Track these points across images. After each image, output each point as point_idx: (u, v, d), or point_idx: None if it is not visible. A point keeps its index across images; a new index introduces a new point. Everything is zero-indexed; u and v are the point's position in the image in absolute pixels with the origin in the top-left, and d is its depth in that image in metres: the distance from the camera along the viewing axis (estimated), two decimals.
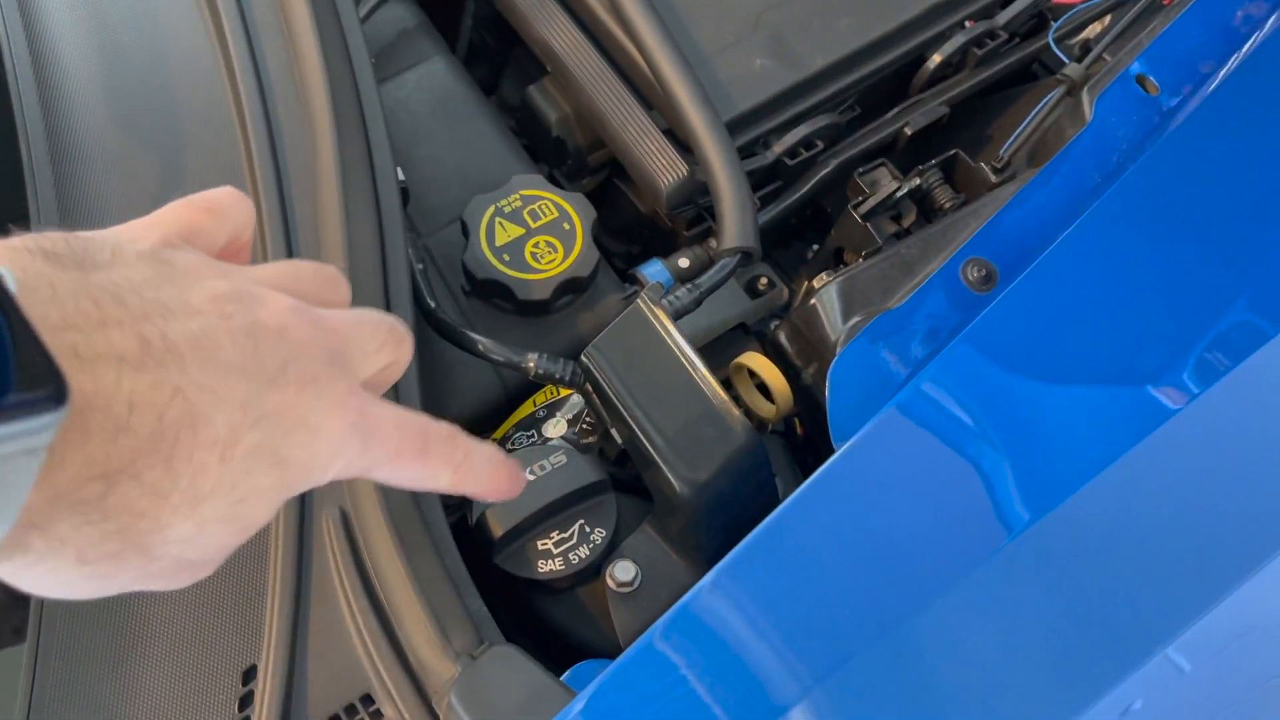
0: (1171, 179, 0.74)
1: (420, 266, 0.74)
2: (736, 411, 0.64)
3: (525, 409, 0.75)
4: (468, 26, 1.00)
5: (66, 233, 0.37)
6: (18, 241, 0.34)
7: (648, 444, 0.64)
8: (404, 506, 0.59)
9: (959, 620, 0.60)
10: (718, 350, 0.86)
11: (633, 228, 0.93)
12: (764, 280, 0.90)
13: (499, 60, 0.99)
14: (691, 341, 0.85)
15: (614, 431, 0.67)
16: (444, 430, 0.47)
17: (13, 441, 0.29)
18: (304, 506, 0.60)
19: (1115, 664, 0.60)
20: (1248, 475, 0.67)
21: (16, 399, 0.29)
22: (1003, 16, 0.91)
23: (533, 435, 0.71)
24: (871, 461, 0.64)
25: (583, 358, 0.66)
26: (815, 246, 0.92)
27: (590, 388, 0.66)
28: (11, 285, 0.31)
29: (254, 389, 0.37)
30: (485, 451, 0.49)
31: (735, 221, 0.75)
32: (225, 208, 0.46)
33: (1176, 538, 0.64)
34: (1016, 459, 0.65)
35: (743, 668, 0.58)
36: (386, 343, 0.46)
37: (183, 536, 0.36)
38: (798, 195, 0.85)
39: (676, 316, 0.72)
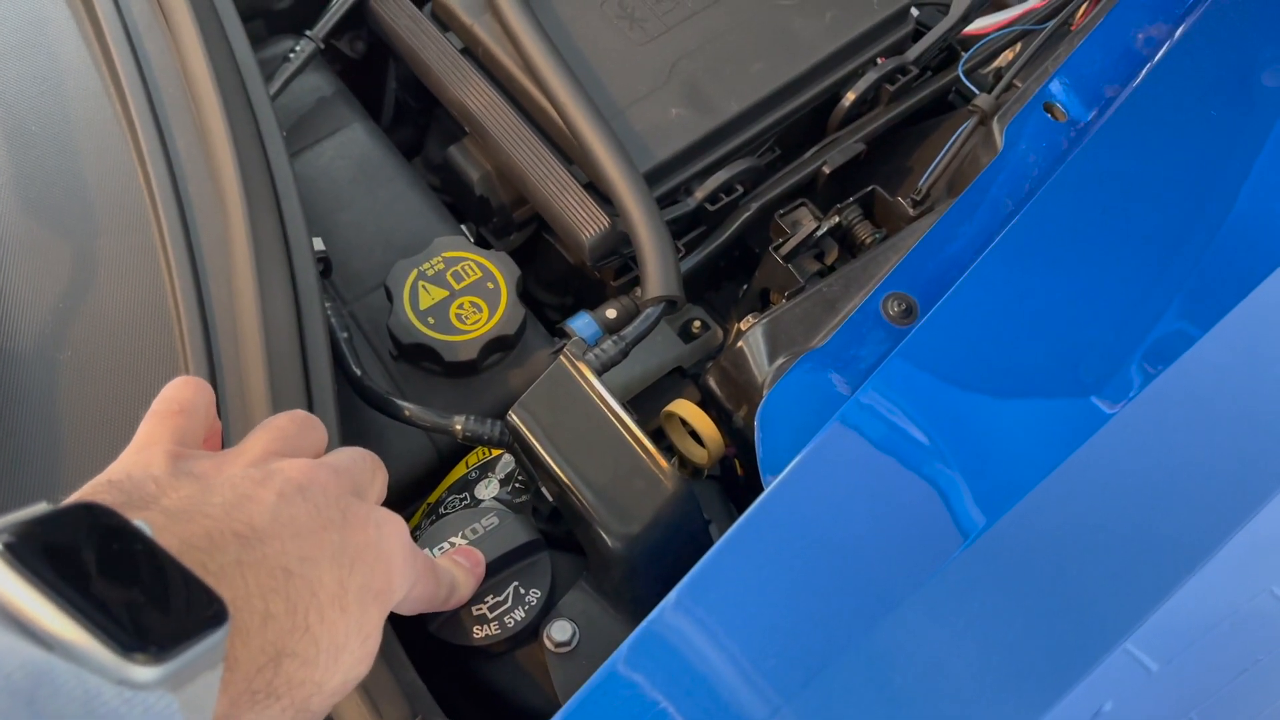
0: (1076, 196, 0.76)
1: (345, 335, 0.74)
2: (664, 462, 0.65)
3: (458, 471, 0.75)
4: (392, 90, 1.01)
5: (108, 484, 0.40)
6: (94, 497, 0.38)
7: (578, 500, 0.64)
8: None
9: (919, 629, 0.61)
10: (655, 396, 0.87)
11: (564, 279, 0.93)
12: (698, 323, 0.91)
13: (423, 122, 1.00)
14: (627, 389, 0.86)
15: (544, 489, 0.67)
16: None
17: (197, 664, 0.33)
18: None
19: (1076, 661, 0.61)
20: (1189, 469, 0.68)
21: (193, 626, 0.33)
22: (913, 52, 0.93)
23: (465, 497, 0.71)
24: (819, 475, 0.65)
25: (508, 417, 0.66)
26: (746, 287, 0.93)
27: (518, 446, 0.66)
28: (149, 532, 0.36)
29: (335, 539, 0.43)
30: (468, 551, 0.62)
31: (657, 271, 0.75)
32: (194, 404, 0.50)
33: (1126, 534, 0.65)
34: (963, 466, 0.66)
35: (705, 693, 0.58)
36: (376, 469, 0.53)
37: (335, 688, 0.42)
38: (721, 240, 0.86)
39: (604, 369, 0.72)
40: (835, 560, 0.63)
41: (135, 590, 0.33)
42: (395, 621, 0.62)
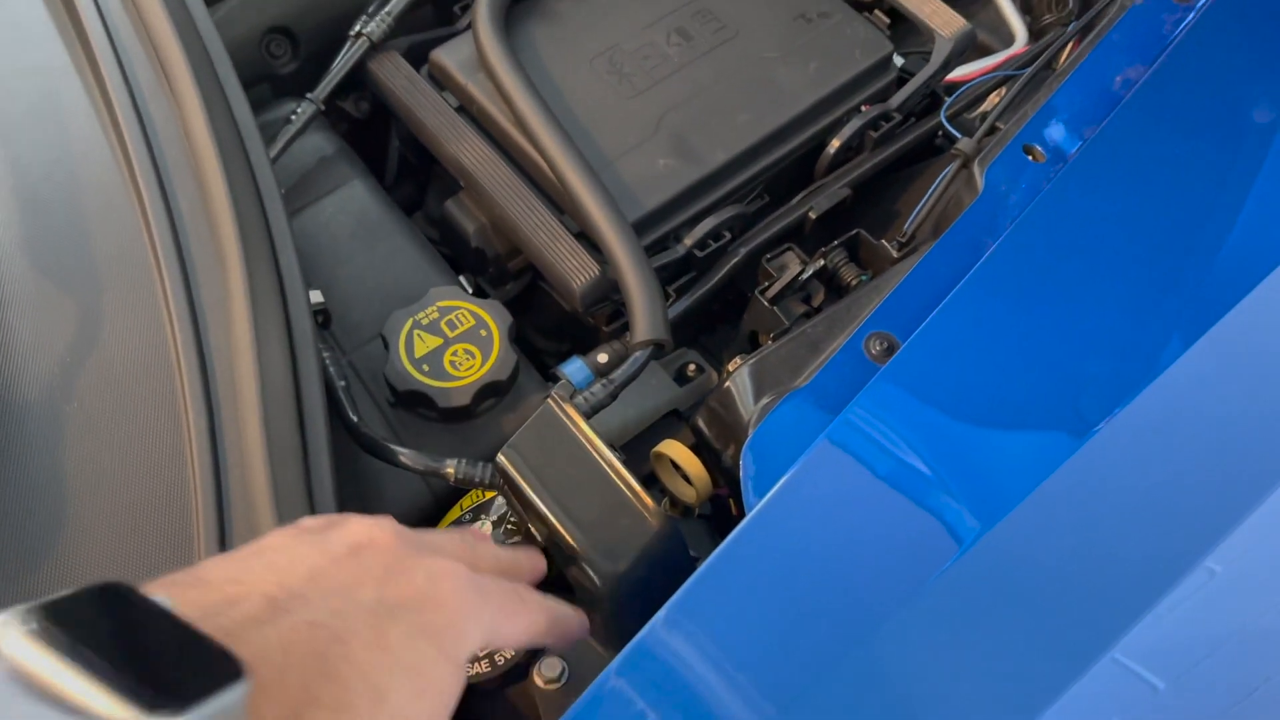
0: (1049, 228, 0.78)
1: (343, 383, 0.76)
2: (650, 501, 0.66)
3: (454, 513, 0.76)
4: (395, 147, 1.04)
5: (186, 575, 0.43)
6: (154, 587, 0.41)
7: (565, 539, 0.65)
8: None
9: (908, 638, 0.62)
10: (652, 438, 0.88)
11: (560, 326, 0.96)
12: (692, 366, 0.93)
13: (423, 177, 1.03)
14: (624, 432, 0.88)
15: (533, 529, 0.68)
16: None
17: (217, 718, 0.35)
18: None
19: (1062, 675, 0.61)
20: (1175, 482, 0.68)
21: (209, 684, 0.35)
22: (896, 99, 0.95)
23: None
24: (808, 491, 0.66)
25: (497, 459, 0.68)
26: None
27: (507, 488, 0.68)
28: (169, 604, 0.38)
29: (375, 593, 0.44)
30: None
31: (644, 316, 0.77)
32: None
33: (1115, 544, 0.66)
34: (949, 483, 0.67)
35: (696, 705, 0.59)
36: (477, 540, 0.56)
37: None
38: (710, 284, 0.88)
39: (593, 411, 0.74)
40: (824, 574, 0.64)
41: (153, 656, 0.36)
42: None
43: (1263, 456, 0.67)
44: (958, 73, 1.05)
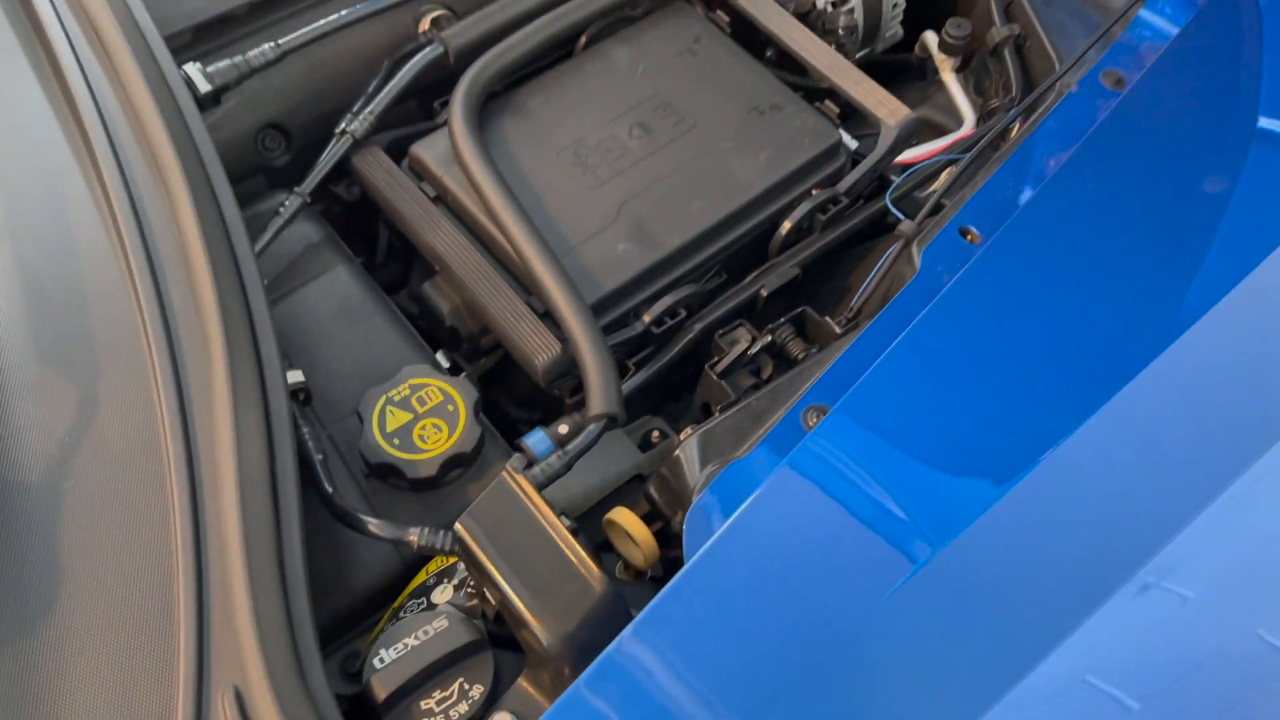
0: (975, 293, 0.84)
1: (320, 456, 0.83)
2: (595, 569, 0.72)
3: (420, 577, 0.82)
4: (384, 234, 1.12)
5: None
6: None
7: (516, 604, 0.71)
8: (291, 683, 0.66)
9: (866, 646, 0.68)
10: (617, 502, 0.94)
11: (531, 397, 1.02)
12: (656, 433, 0.99)
13: (409, 257, 1.11)
14: (588, 497, 0.94)
15: (488, 593, 0.74)
16: None
17: None
18: (200, 685, 0.66)
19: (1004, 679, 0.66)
20: (1117, 509, 0.74)
21: None
22: (845, 183, 1.02)
23: (422, 601, 0.78)
24: (767, 514, 0.72)
25: (455, 528, 0.74)
26: None
27: (464, 554, 0.74)
28: None
29: None
30: None
31: (599, 391, 0.83)
32: None
33: (1062, 557, 0.72)
34: (900, 505, 0.74)
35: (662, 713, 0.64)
36: None
37: None
38: (667, 358, 0.95)
39: (547, 482, 0.80)
40: (784, 589, 0.70)
41: None
42: (350, 715, 0.69)
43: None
44: (910, 154, 1.11)
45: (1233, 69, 1.03)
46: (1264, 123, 0.93)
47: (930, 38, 1.23)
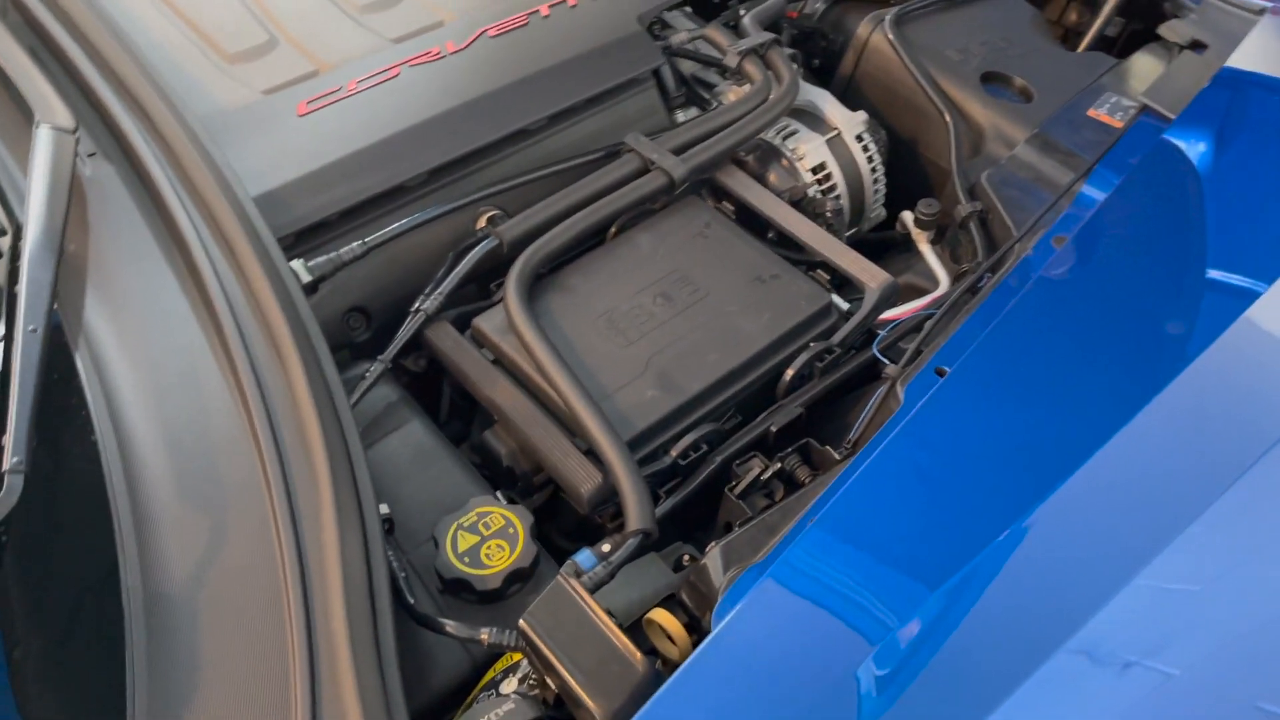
0: (928, 425, 1.00)
1: (404, 574, 0.98)
2: (638, 654, 0.86)
3: (489, 675, 0.96)
4: (447, 393, 1.31)
5: None
6: None
7: (571, 685, 0.85)
8: None
9: None
10: None
11: (578, 528, 1.18)
12: (687, 556, 1.13)
13: (469, 415, 1.29)
14: (628, 613, 1.08)
15: (549, 680, 0.88)
16: None
17: None
18: None
19: None
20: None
21: None
22: (838, 336, 1.20)
23: (492, 693, 0.92)
24: (759, 614, 0.87)
25: (519, 624, 0.88)
26: None
27: (527, 647, 0.88)
28: None
29: None
30: None
31: (635, 510, 1.00)
32: None
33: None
34: (870, 609, 0.88)
35: None
36: None
37: None
38: (693, 486, 1.11)
39: (595, 587, 0.95)
40: (759, 688, 0.84)
41: None
42: None
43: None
44: (894, 312, 1.30)
45: (1155, 223, 1.23)
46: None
47: (907, 216, 1.45)
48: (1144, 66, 1.59)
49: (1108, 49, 1.74)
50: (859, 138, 1.48)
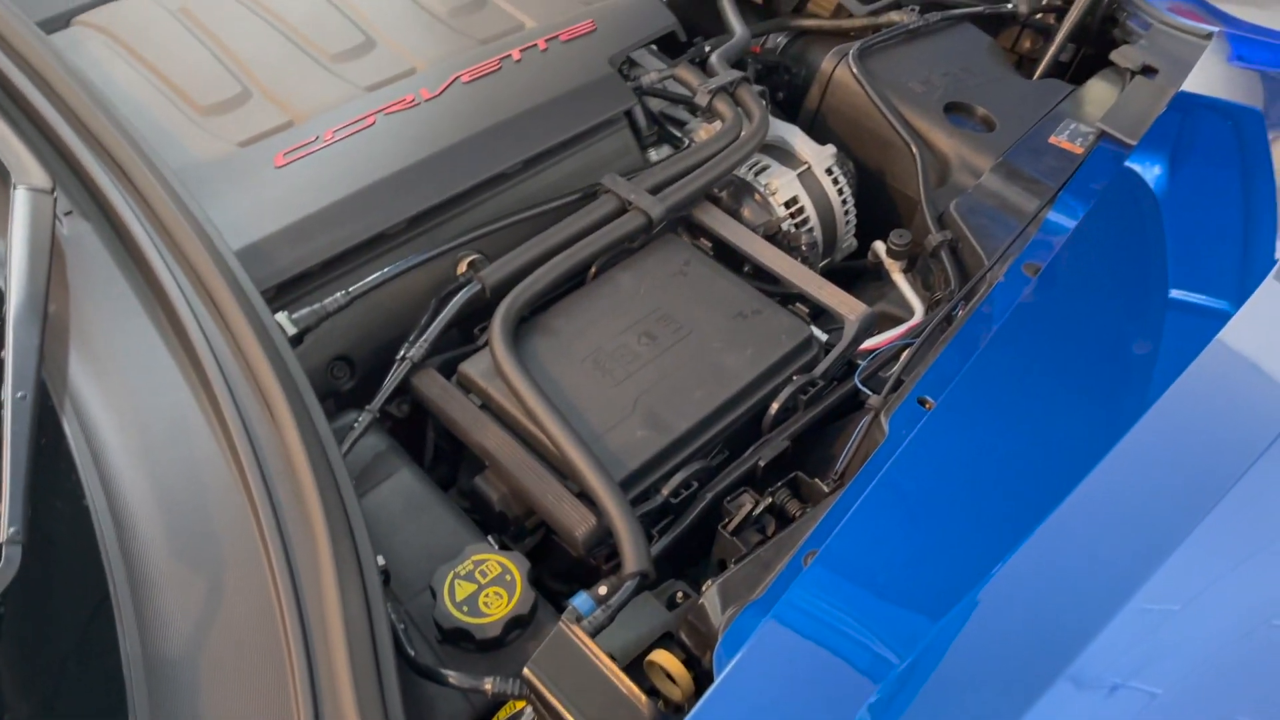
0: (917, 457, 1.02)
1: (402, 626, 0.98)
2: (642, 695, 0.86)
3: None
4: (430, 438, 1.31)
5: None
6: None
7: None
8: None
9: None
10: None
11: (571, 570, 1.18)
12: (680, 594, 1.14)
13: (455, 460, 1.29)
14: (625, 653, 1.08)
15: None
16: None
17: None
18: None
19: None
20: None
21: None
22: (819, 369, 1.22)
23: None
24: (763, 656, 0.89)
25: (524, 673, 0.89)
26: None
27: (532, 694, 0.89)
28: None
29: None
30: None
31: (631, 552, 1.00)
32: None
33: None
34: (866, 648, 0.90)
35: None
36: None
37: None
38: (685, 524, 1.12)
39: (595, 631, 0.96)
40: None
41: None
42: None
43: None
44: (872, 341, 1.33)
45: (1127, 250, 1.27)
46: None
47: (879, 246, 1.47)
48: (1099, 93, 1.64)
49: (1061, 75, 1.79)
50: (829, 171, 1.51)
